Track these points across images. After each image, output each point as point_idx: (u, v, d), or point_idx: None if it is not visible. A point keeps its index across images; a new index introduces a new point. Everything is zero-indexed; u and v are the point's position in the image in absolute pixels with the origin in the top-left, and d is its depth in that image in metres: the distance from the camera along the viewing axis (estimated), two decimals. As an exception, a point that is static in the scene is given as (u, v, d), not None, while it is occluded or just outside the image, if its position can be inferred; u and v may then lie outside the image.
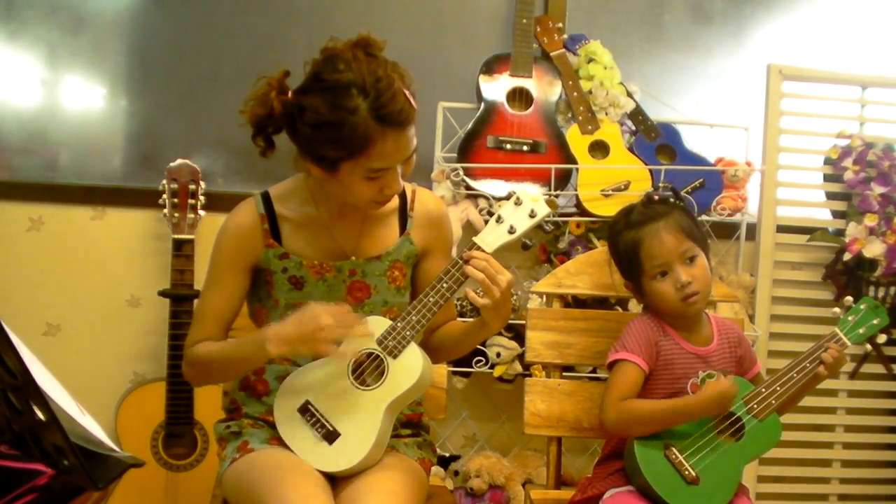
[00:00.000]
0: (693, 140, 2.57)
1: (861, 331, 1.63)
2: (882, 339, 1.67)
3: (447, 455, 2.57)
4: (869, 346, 1.66)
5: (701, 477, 1.53)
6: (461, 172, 2.43)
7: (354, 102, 1.40)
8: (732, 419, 1.58)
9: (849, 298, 1.68)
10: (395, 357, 1.50)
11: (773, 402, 1.58)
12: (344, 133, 1.41)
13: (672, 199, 1.68)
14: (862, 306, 1.65)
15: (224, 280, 1.59)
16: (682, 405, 1.56)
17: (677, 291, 1.59)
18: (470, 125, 2.48)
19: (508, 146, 2.45)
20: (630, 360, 1.62)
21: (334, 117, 1.41)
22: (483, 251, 1.50)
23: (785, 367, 1.61)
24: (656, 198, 1.66)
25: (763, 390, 1.59)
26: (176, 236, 2.36)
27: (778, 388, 1.59)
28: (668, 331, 1.64)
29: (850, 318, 1.65)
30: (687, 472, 1.53)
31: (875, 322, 1.64)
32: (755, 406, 1.58)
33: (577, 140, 2.47)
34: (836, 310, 1.67)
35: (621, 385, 1.61)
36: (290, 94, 1.47)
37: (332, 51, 1.46)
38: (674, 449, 1.55)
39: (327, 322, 1.42)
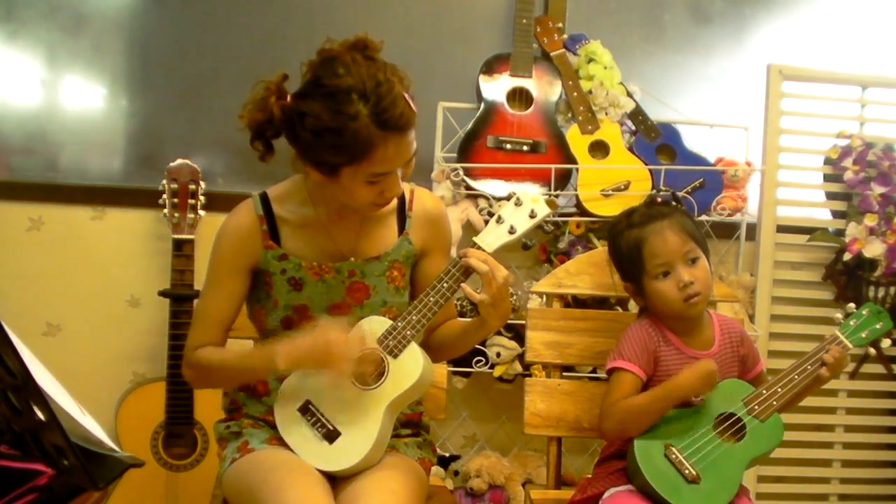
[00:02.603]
0: (693, 140, 2.57)
1: (863, 335, 1.63)
2: (886, 343, 1.66)
3: (447, 455, 2.57)
4: (872, 350, 1.65)
5: (701, 476, 1.53)
6: (461, 172, 2.43)
7: (355, 108, 1.40)
8: (733, 420, 1.58)
9: (851, 305, 1.68)
10: (395, 357, 1.50)
11: (774, 403, 1.58)
12: (345, 139, 1.40)
13: (673, 203, 1.68)
14: (864, 311, 1.65)
15: (223, 282, 1.59)
16: (668, 386, 1.56)
17: (679, 291, 1.59)
18: (470, 125, 2.47)
19: (508, 146, 2.45)
20: (627, 368, 1.62)
21: (335, 123, 1.40)
22: (483, 251, 1.51)
23: (786, 369, 1.61)
24: (659, 199, 1.67)
25: (764, 391, 1.59)
26: (176, 236, 2.36)
27: (779, 390, 1.59)
28: (668, 335, 1.64)
29: (851, 322, 1.64)
30: (687, 471, 1.53)
31: (878, 326, 1.64)
32: (756, 407, 1.58)
33: (577, 140, 2.47)
34: (839, 315, 1.67)
35: (616, 393, 1.61)
36: (289, 98, 1.47)
37: (329, 53, 1.45)
38: (673, 448, 1.55)
39: (335, 341, 1.43)
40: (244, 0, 2.63)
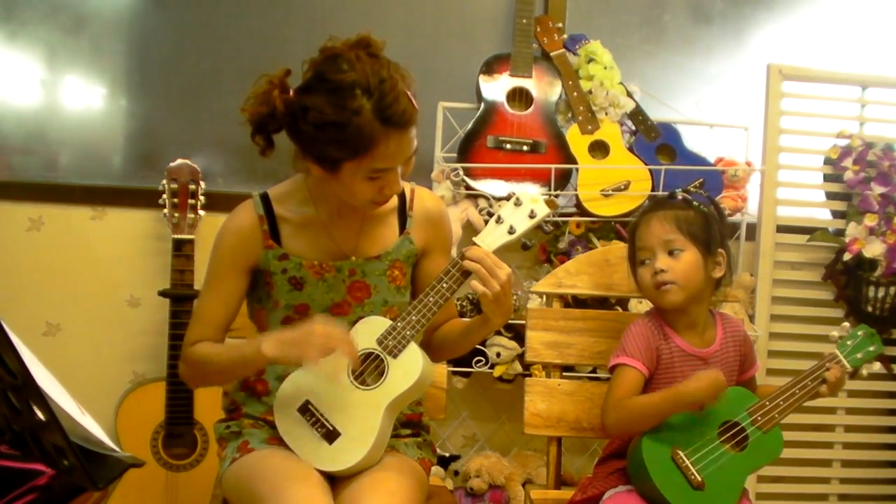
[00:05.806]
0: (693, 140, 2.57)
1: (859, 356, 1.65)
2: (876, 366, 1.68)
3: (447, 455, 2.57)
4: (864, 372, 1.68)
5: (706, 483, 1.53)
6: (461, 172, 2.43)
7: (359, 103, 1.40)
8: (737, 429, 1.58)
9: (846, 324, 1.69)
10: (395, 357, 1.50)
11: (777, 415, 1.59)
12: (348, 134, 1.40)
13: (692, 200, 1.66)
14: (860, 332, 1.66)
15: (222, 282, 1.59)
16: (674, 392, 1.54)
17: (651, 278, 1.60)
18: (470, 125, 2.48)
19: (508, 146, 2.45)
20: (630, 364, 1.62)
21: (338, 118, 1.40)
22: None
23: (788, 384, 1.61)
24: (679, 195, 1.67)
25: (767, 403, 1.60)
26: (176, 236, 2.36)
27: (781, 403, 1.60)
28: (669, 332, 1.64)
29: (849, 342, 1.66)
30: (693, 477, 1.52)
31: (871, 349, 1.66)
32: (759, 418, 1.58)
33: (577, 140, 2.47)
34: (835, 333, 1.68)
35: (620, 389, 1.61)
36: (291, 92, 1.47)
37: (332, 50, 1.45)
38: (680, 453, 1.54)
39: (319, 331, 1.43)
40: (244, 1, 2.63)
